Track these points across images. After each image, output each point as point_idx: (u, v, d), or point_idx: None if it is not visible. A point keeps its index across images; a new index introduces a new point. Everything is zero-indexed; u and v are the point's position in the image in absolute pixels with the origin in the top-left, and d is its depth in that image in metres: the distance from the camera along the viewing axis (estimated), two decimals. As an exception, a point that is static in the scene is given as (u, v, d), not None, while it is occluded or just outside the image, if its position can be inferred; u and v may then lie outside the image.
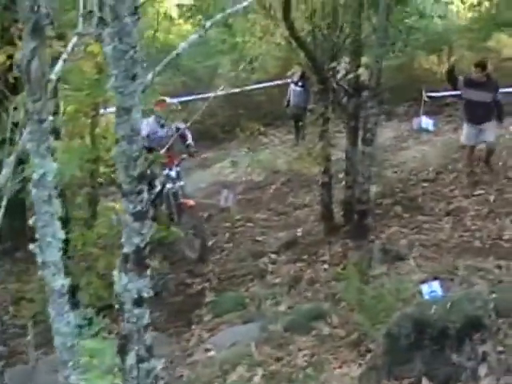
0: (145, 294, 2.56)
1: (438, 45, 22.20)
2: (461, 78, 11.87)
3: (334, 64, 10.04)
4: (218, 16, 4.72)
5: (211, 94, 11.98)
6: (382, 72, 9.62)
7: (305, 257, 10.00)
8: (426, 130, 16.13)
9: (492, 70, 12.97)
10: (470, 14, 23.46)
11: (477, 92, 11.63)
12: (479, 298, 6.18)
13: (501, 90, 12.01)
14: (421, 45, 20.93)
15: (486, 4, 22.46)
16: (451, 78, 12.00)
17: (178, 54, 4.17)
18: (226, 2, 9.92)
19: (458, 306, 6.07)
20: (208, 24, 4.34)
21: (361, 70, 9.82)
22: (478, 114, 11.75)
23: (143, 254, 2.54)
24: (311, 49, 9.96)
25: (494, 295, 6.39)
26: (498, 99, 11.88)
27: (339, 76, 10.39)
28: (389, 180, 12.61)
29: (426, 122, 16.29)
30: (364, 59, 10.29)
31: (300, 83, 16.71)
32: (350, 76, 10.02)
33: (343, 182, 10.78)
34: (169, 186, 10.97)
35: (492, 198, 10.97)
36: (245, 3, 4.74)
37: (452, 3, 22.20)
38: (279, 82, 19.10)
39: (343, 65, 10.53)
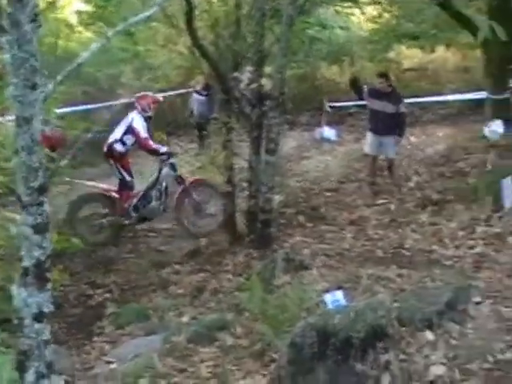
0: (45, 309, 2.48)
1: (340, 55, 22.57)
2: (365, 88, 12.12)
3: (237, 73, 10.05)
4: (121, 26, 4.64)
5: (114, 103, 11.84)
6: (285, 82, 9.69)
7: (208, 267, 9.95)
8: (328, 140, 16.35)
9: (393, 80, 13.23)
10: (370, 26, 23.89)
11: (381, 102, 11.96)
12: (382, 307, 6.23)
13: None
14: (323, 55, 21.22)
15: (386, 16, 22.90)
16: (356, 87, 12.24)
17: (80, 64, 4.07)
18: (129, 9, 9.82)
19: (362, 315, 6.11)
20: (110, 33, 4.25)
21: (264, 80, 9.87)
22: (381, 125, 12.02)
23: (44, 267, 2.46)
24: (214, 58, 9.95)
25: (396, 304, 6.46)
26: (402, 111, 12.17)
27: (242, 85, 10.39)
28: (292, 189, 12.71)
29: (328, 131, 16.53)
30: (267, 69, 10.35)
31: (204, 92, 16.67)
32: (253, 86, 10.03)
33: (247, 192, 10.79)
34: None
35: (393, 207, 11.16)
36: (148, 13, 4.66)
37: (353, 15, 22.60)
38: (182, 90, 19.02)
39: (246, 74, 10.53)
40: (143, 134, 11.19)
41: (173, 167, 11.52)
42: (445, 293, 6.62)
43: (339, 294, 6.80)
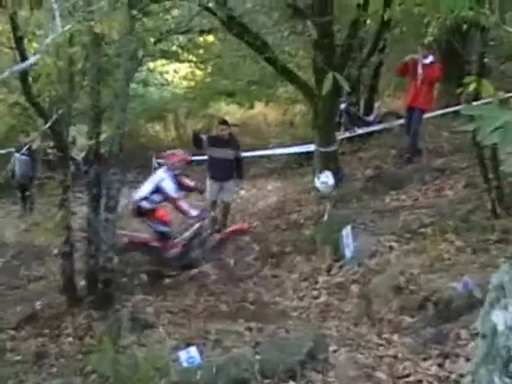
0: None
1: (156, 112, 22.66)
2: (205, 138, 12.35)
3: (73, 131, 9.80)
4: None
5: None
6: (124, 138, 9.55)
7: (47, 331, 9.48)
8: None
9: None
10: (185, 83, 24.18)
11: (220, 149, 12.29)
12: (244, 361, 6.19)
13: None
14: (139, 112, 21.21)
15: (200, 73, 23.25)
16: (197, 140, 12.44)
17: None
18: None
19: (224, 370, 6.04)
20: None
21: (102, 137, 9.68)
22: (220, 171, 12.37)
23: None
24: (50, 115, 9.64)
25: (258, 356, 6.42)
26: (240, 157, 12.60)
27: (78, 143, 10.16)
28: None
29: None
30: (104, 125, 10.17)
31: (26, 152, 16.12)
32: (91, 142, 9.81)
33: (85, 251, 10.44)
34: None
35: (232, 261, 11.17)
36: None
37: (167, 73, 22.81)
38: (2, 151, 18.32)
39: (83, 131, 10.33)
40: (173, 194, 11.02)
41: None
42: (304, 343, 6.66)
43: (194, 351, 6.70)
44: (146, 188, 11.21)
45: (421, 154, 13.10)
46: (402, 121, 14.36)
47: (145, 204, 11.10)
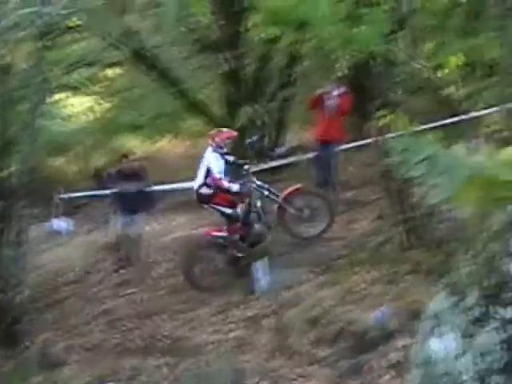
0: None
1: (59, 146, 22.22)
2: (109, 173, 12.21)
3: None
4: None
5: None
6: (34, 170, 9.35)
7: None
8: (61, 232, 15.92)
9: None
10: (90, 116, 23.82)
11: (128, 183, 12.23)
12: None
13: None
14: (42, 145, 20.74)
15: (105, 106, 22.96)
16: (99, 177, 12.27)
17: None
18: None
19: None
20: None
21: (11, 169, 9.44)
22: (129, 204, 12.21)
23: None
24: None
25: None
26: (148, 189, 12.67)
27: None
28: (37, 283, 12.11)
29: (60, 223, 16.10)
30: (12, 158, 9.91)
31: None
32: (-2, 175, 9.56)
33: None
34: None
35: (143, 296, 11.00)
36: None
37: (72, 105, 22.45)
38: None
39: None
40: (215, 174, 10.74)
41: (261, 187, 11.09)
42: (223, 377, 6.60)
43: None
44: (200, 174, 11.00)
45: (333, 187, 13.16)
46: (311, 154, 14.42)
47: (204, 190, 10.94)
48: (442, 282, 3.04)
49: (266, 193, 11.11)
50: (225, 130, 11.35)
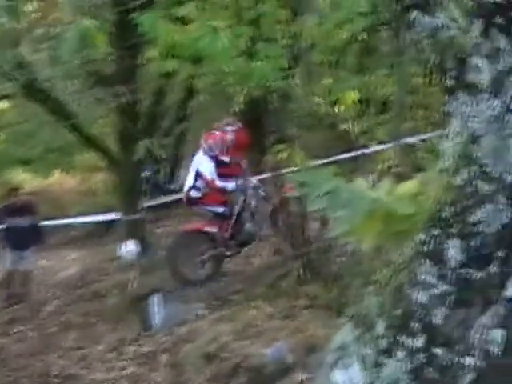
0: None
1: None
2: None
3: None
4: None
5: None
6: None
7: None
8: None
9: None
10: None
11: (17, 218, 12.04)
12: None
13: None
14: None
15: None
16: None
17: None
18: None
19: None
20: None
21: None
22: (19, 239, 12.01)
23: None
24: None
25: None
26: (38, 224, 12.50)
27: None
28: None
29: None
30: None
31: None
32: None
33: None
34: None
35: (34, 334, 10.69)
36: None
37: None
38: None
39: None
40: (208, 176, 10.65)
41: (257, 187, 11.03)
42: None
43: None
44: (189, 177, 10.97)
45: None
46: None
47: (193, 193, 10.90)
48: (346, 315, 3.02)
49: (262, 193, 11.10)
50: (217, 132, 11.24)
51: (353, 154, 11.29)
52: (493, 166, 1.97)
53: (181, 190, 16.16)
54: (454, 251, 2.11)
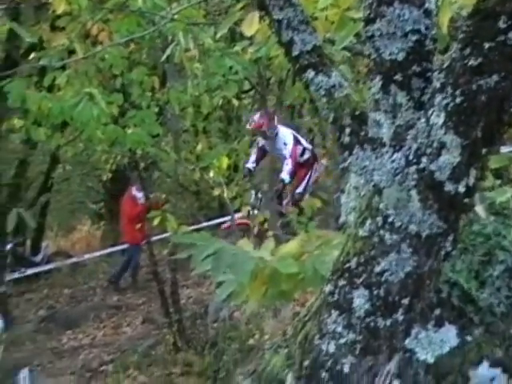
0: None
1: None
2: None
3: None
4: None
5: None
6: None
7: None
8: None
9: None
10: None
11: None
12: None
13: None
14: None
15: None
16: None
17: None
18: None
19: None
20: None
21: None
22: None
23: None
24: None
25: None
26: None
27: None
28: None
29: None
30: None
31: None
32: None
33: None
34: None
35: None
36: None
37: None
38: None
39: None
40: None
41: None
42: None
43: None
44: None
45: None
46: (72, 260, 14.30)
47: None
48: (243, 373, 3.01)
49: None
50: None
51: (225, 218, 11.41)
52: (396, 216, 2.05)
53: (44, 261, 15.95)
54: (360, 300, 2.16)
